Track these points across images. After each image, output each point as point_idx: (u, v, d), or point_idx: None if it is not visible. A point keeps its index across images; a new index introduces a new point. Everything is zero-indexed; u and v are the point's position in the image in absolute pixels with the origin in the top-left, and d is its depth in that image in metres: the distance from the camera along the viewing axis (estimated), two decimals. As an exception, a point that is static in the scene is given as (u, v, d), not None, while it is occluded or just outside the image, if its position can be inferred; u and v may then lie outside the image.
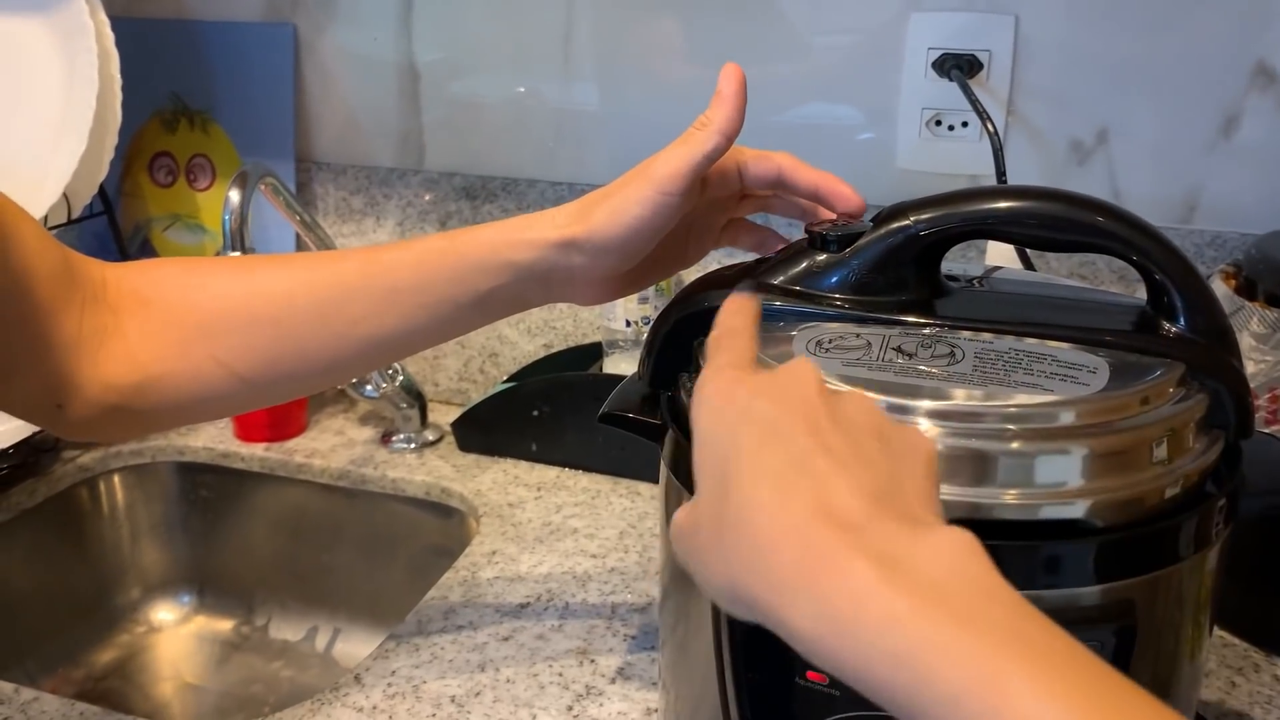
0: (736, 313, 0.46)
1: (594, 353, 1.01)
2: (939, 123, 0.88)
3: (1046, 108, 0.87)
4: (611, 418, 0.57)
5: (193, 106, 1.11)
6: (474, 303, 0.58)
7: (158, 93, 1.11)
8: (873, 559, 0.32)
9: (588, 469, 0.96)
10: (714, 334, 0.45)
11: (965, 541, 0.34)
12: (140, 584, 1.06)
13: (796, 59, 0.92)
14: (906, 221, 0.51)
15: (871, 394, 0.45)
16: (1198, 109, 0.84)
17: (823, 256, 0.53)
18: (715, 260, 0.99)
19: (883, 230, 0.52)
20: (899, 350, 0.49)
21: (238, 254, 0.83)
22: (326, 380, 0.63)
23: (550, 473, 0.96)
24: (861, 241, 0.52)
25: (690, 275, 0.99)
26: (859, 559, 0.32)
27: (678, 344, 0.55)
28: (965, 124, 0.87)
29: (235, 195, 0.83)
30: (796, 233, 0.58)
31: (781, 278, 0.54)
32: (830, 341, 0.50)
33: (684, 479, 0.51)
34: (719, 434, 0.38)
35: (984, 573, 0.33)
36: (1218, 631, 0.74)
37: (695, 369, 0.53)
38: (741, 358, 0.42)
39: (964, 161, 0.88)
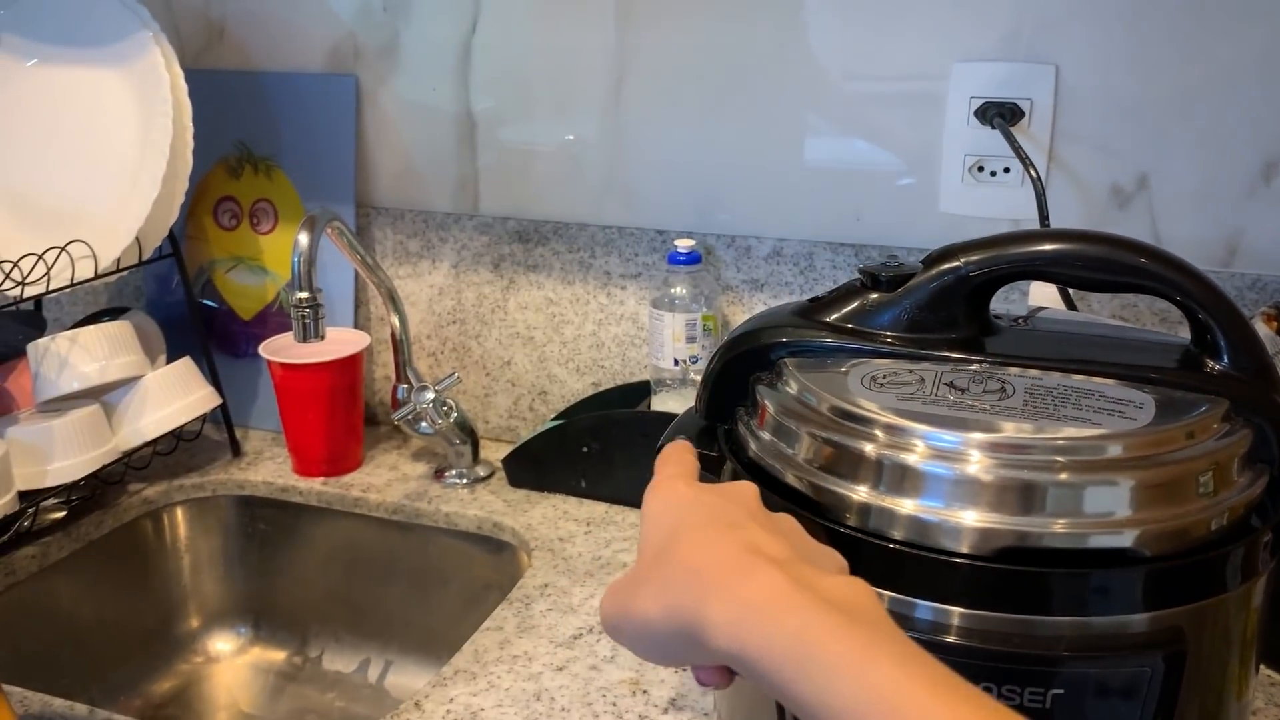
0: (678, 447, 0.52)
1: (642, 391, 1.04)
2: (981, 169, 0.91)
3: (1087, 154, 0.89)
4: (670, 450, 0.59)
5: (257, 153, 1.15)
6: None
7: (224, 140, 1.16)
8: (787, 574, 0.40)
9: (636, 505, 0.97)
10: (661, 455, 0.51)
11: (863, 584, 0.40)
12: (199, 614, 1.09)
13: (839, 107, 0.95)
14: (957, 263, 0.53)
15: (926, 427, 0.47)
16: (1238, 154, 0.86)
17: (875, 295, 0.56)
18: (761, 303, 1.01)
19: (934, 271, 0.54)
20: (951, 385, 0.51)
21: (306, 294, 0.87)
22: None
23: (599, 508, 0.98)
24: (913, 281, 0.54)
25: (739, 315, 1.02)
26: (776, 571, 0.40)
27: (734, 378, 0.57)
28: (1007, 170, 0.90)
29: (304, 238, 0.86)
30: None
31: (835, 315, 0.56)
32: (885, 377, 0.52)
33: (742, 508, 0.53)
34: (666, 515, 0.46)
35: (876, 604, 0.40)
36: (1264, 671, 0.74)
37: (752, 403, 0.56)
38: (688, 471, 0.49)
39: (1005, 206, 0.90)
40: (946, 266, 0.53)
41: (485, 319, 1.11)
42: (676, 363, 0.99)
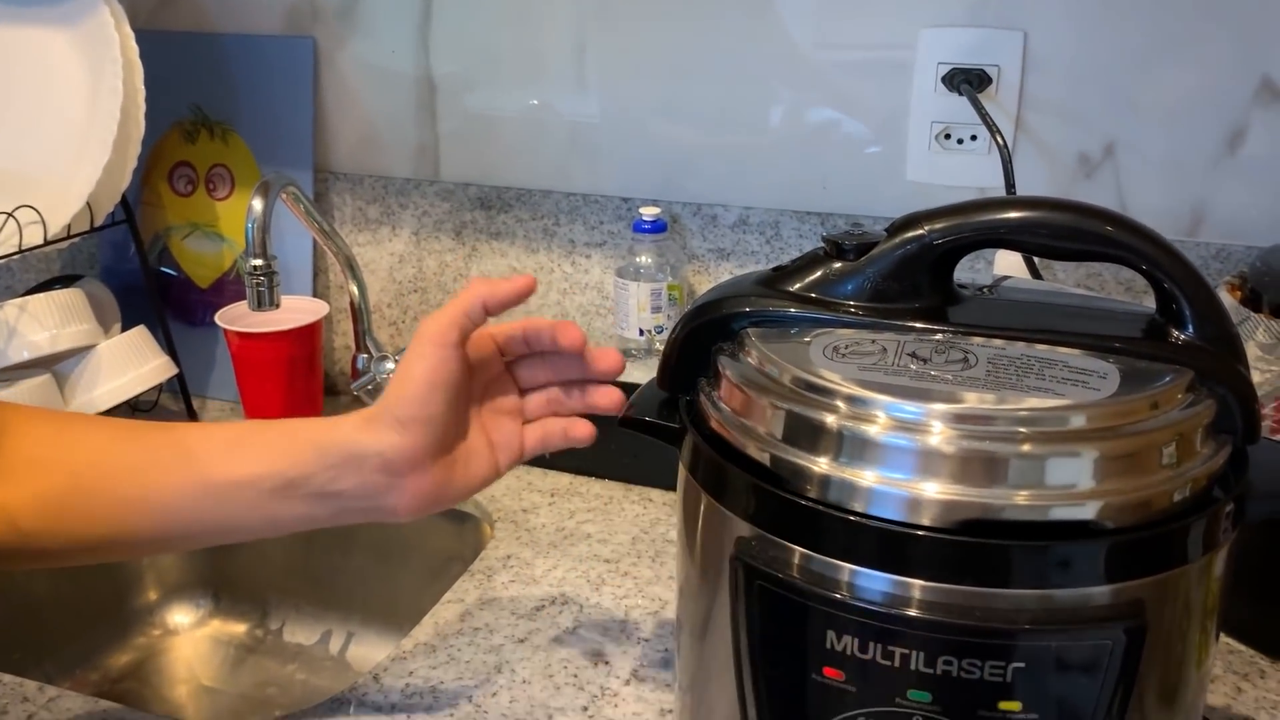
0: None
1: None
2: (948, 136, 0.90)
3: (1054, 122, 0.89)
4: (631, 422, 0.58)
5: (213, 117, 1.13)
6: (279, 488, 0.57)
7: (178, 104, 1.13)
8: None
9: (600, 476, 0.97)
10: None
11: None
12: (157, 587, 1.07)
13: (807, 74, 0.94)
14: (921, 231, 0.52)
15: (887, 398, 0.47)
16: (1204, 124, 0.85)
17: (838, 264, 0.55)
18: (728, 272, 1.00)
19: (897, 239, 0.53)
20: (913, 356, 0.50)
21: (260, 261, 0.85)
22: (106, 552, 0.59)
23: (563, 479, 0.98)
24: (877, 250, 0.53)
25: (704, 284, 1.01)
26: None
27: (696, 349, 0.56)
28: (974, 137, 0.89)
29: (258, 204, 0.84)
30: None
31: (799, 285, 0.55)
32: (846, 347, 0.51)
33: (703, 481, 0.53)
34: None
35: None
36: (1224, 639, 0.75)
37: (713, 374, 0.55)
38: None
39: (972, 174, 0.89)
40: (910, 235, 0.52)
41: (447, 288, 1.09)
42: (642, 333, 0.98)
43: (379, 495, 0.58)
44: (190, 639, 1.07)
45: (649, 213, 0.97)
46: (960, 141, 0.90)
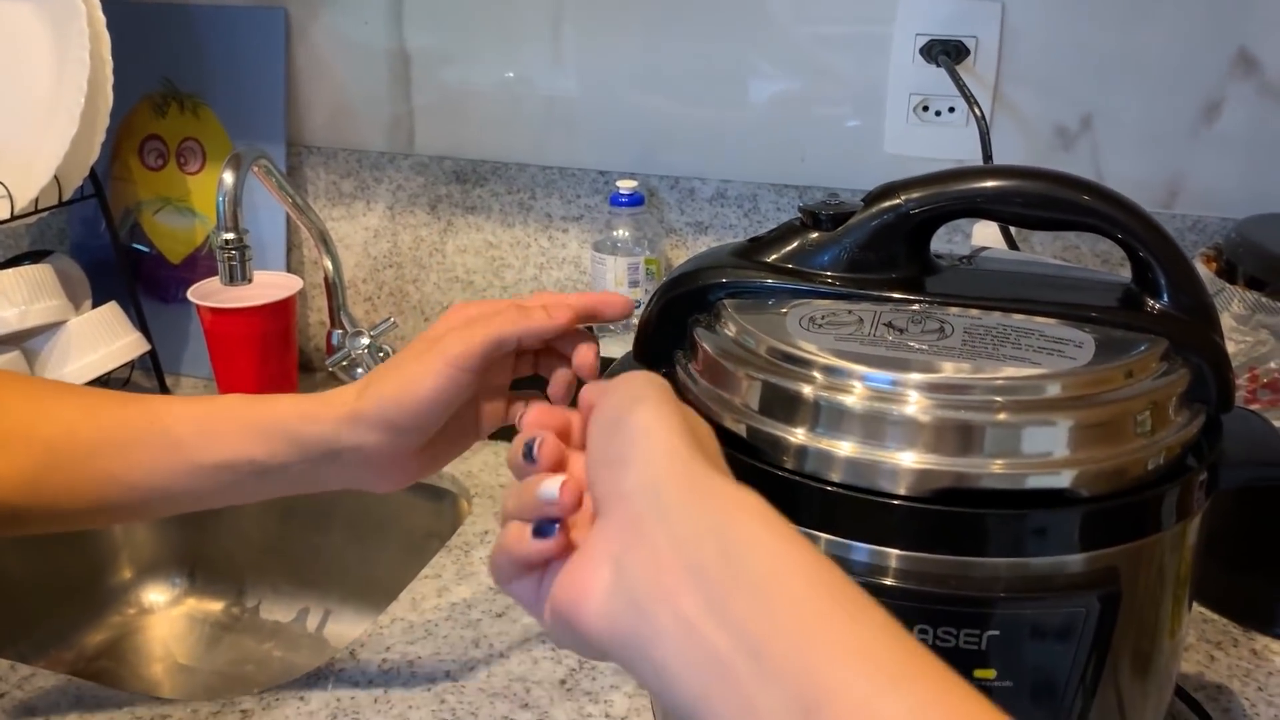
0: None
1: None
2: (926, 108, 0.90)
3: (1032, 93, 0.88)
4: (607, 393, 0.57)
5: (183, 90, 1.11)
6: (256, 473, 0.56)
7: (148, 76, 1.11)
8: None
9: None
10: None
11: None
12: (132, 565, 1.06)
13: (785, 46, 0.93)
14: (897, 200, 0.52)
15: (864, 368, 0.47)
16: (1180, 95, 0.85)
17: (815, 235, 0.54)
18: (705, 245, 1.00)
19: (874, 209, 0.53)
20: (890, 326, 0.50)
21: (232, 235, 0.84)
22: (87, 521, 0.59)
23: (541, 454, 0.97)
24: (853, 220, 0.53)
25: (682, 258, 1.01)
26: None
27: (672, 321, 0.56)
28: (952, 109, 0.89)
29: (229, 177, 0.83)
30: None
31: (775, 255, 0.55)
32: (823, 318, 0.51)
33: (679, 452, 0.52)
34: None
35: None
36: (1197, 607, 0.75)
37: (690, 346, 0.54)
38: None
39: (950, 146, 0.89)
40: (887, 204, 0.52)
41: (423, 262, 1.08)
42: (618, 306, 0.97)
43: (358, 480, 0.57)
44: (166, 617, 1.06)
45: (626, 186, 0.96)
46: (938, 114, 0.89)
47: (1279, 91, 0.83)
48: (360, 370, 1.00)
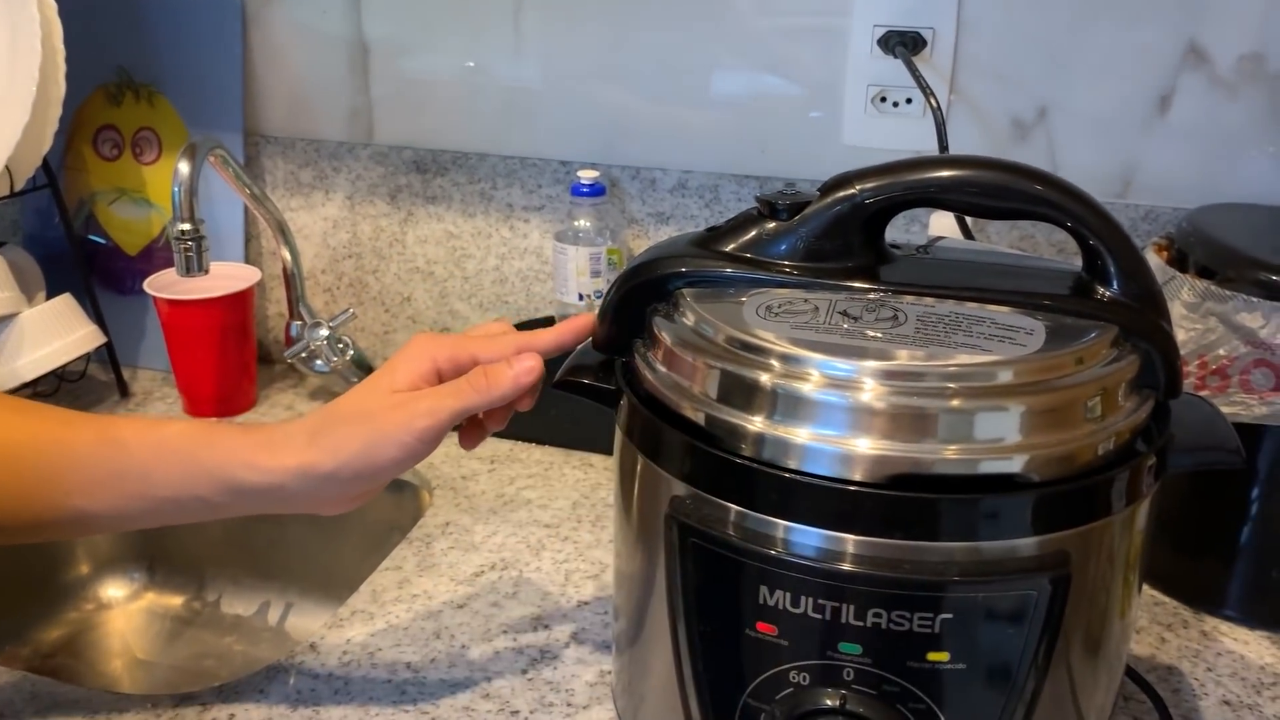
0: None
1: (545, 327, 1.02)
2: (884, 99, 0.90)
3: (988, 85, 0.89)
4: (566, 384, 0.58)
5: (138, 79, 1.10)
6: (202, 508, 0.56)
7: (102, 65, 1.10)
8: None
9: (541, 442, 0.97)
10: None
11: None
12: (89, 560, 1.05)
13: (745, 37, 0.93)
14: (852, 190, 0.52)
15: (820, 355, 0.47)
16: (1134, 87, 0.87)
17: (772, 224, 0.55)
18: (667, 235, 1.00)
19: (829, 199, 0.53)
20: (845, 314, 0.50)
21: (188, 225, 0.83)
22: (26, 537, 0.59)
23: (503, 446, 0.97)
24: (809, 210, 0.53)
25: (639, 244, 1.01)
26: None
27: (631, 311, 0.56)
28: (910, 100, 0.89)
29: (184, 167, 0.82)
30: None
31: (733, 245, 0.55)
32: (779, 306, 0.51)
33: (639, 442, 0.53)
34: None
35: None
36: (1149, 590, 0.77)
37: (649, 335, 0.54)
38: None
39: (908, 137, 0.90)
40: (842, 194, 0.53)
41: (383, 253, 1.08)
42: (581, 297, 0.98)
43: (301, 510, 0.58)
44: (124, 612, 1.05)
45: (587, 176, 0.96)
46: (896, 105, 0.90)
47: (1228, 84, 0.84)
48: (319, 362, 0.99)
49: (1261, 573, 0.74)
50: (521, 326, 1.03)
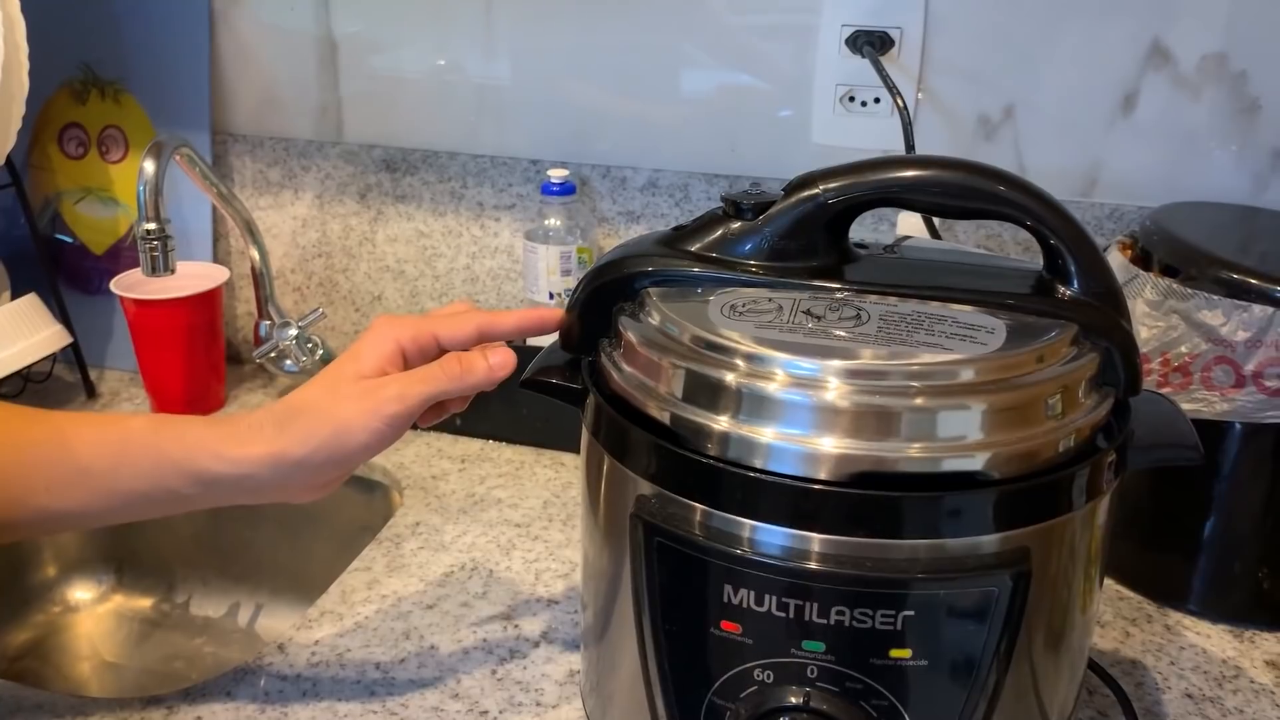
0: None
1: (517, 325, 1.02)
2: (852, 98, 0.91)
3: (955, 84, 0.90)
4: (533, 383, 0.58)
5: (104, 77, 1.09)
6: (169, 499, 0.56)
7: (66, 62, 1.09)
8: None
9: (512, 441, 0.97)
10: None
11: None
12: (56, 562, 1.04)
13: (716, 36, 0.94)
14: (815, 190, 0.53)
15: (784, 355, 0.47)
16: (1098, 86, 0.87)
17: (737, 224, 0.55)
18: (637, 234, 1.00)
19: (793, 199, 0.53)
20: (808, 314, 0.51)
21: (153, 225, 0.82)
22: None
23: (474, 445, 0.97)
24: (773, 209, 0.54)
25: (610, 243, 1.01)
26: None
27: (598, 310, 0.56)
28: (878, 100, 0.90)
29: (150, 166, 0.82)
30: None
31: (699, 244, 0.56)
32: (744, 306, 0.52)
33: (605, 441, 0.53)
34: None
35: None
36: (1114, 585, 0.78)
37: (615, 334, 0.54)
38: None
39: (876, 136, 0.90)
40: (806, 194, 0.53)
41: (353, 252, 1.07)
42: (552, 296, 0.98)
43: (272, 499, 0.57)
44: (92, 615, 1.04)
45: (557, 175, 0.96)
46: (864, 104, 0.91)
47: (1191, 83, 0.85)
48: (289, 362, 0.99)
49: (1223, 567, 0.75)
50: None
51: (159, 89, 1.07)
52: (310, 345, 0.99)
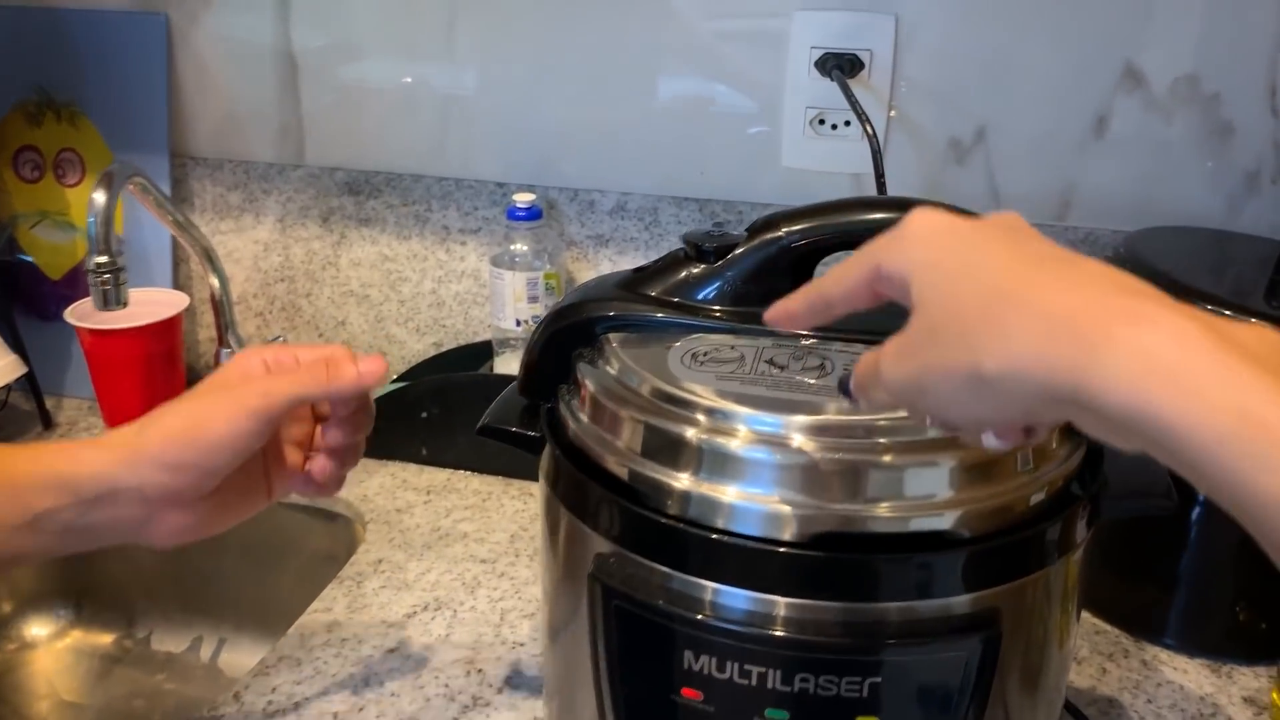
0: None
1: (485, 352, 1.00)
2: (822, 121, 0.89)
3: (927, 106, 0.88)
4: (490, 431, 0.56)
5: (59, 99, 1.06)
6: (28, 525, 0.51)
7: (20, 84, 1.06)
8: (1181, 315, 0.32)
9: (479, 471, 0.95)
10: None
11: (1273, 332, 0.34)
12: (11, 597, 1.01)
13: (683, 59, 0.92)
14: (778, 233, 0.51)
15: (747, 410, 0.46)
16: (1071, 108, 0.86)
17: (699, 267, 0.53)
18: (606, 259, 0.98)
19: (755, 241, 0.52)
20: (771, 363, 0.49)
21: (104, 258, 0.80)
22: None
23: (440, 475, 0.95)
24: (735, 253, 0.52)
25: (584, 271, 0.99)
26: (1170, 313, 0.32)
27: (556, 355, 0.54)
28: (848, 123, 0.88)
29: (100, 197, 0.79)
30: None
31: (660, 288, 0.54)
32: (705, 354, 0.50)
33: (562, 495, 0.51)
34: (953, 245, 0.38)
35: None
36: (1091, 618, 0.76)
37: (573, 382, 0.53)
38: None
39: (846, 160, 0.89)
40: (768, 237, 0.51)
41: (316, 276, 1.05)
42: (519, 323, 0.96)
43: (134, 529, 0.53)
44: (50, 651, 1.01)
45: (523, 199, 0.94)
46: (835, 127, 0.89)
47: (1163, 106, 0.84)
48: (250, 391, 0.96)
49: (1200, 601, 0.74)
50: (458, 352, 1.02)
51: (115, 111, 1.04)
52: (271, 374, 0.96)
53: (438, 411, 0.94)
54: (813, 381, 0.48)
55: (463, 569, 0.81)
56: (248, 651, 0.99)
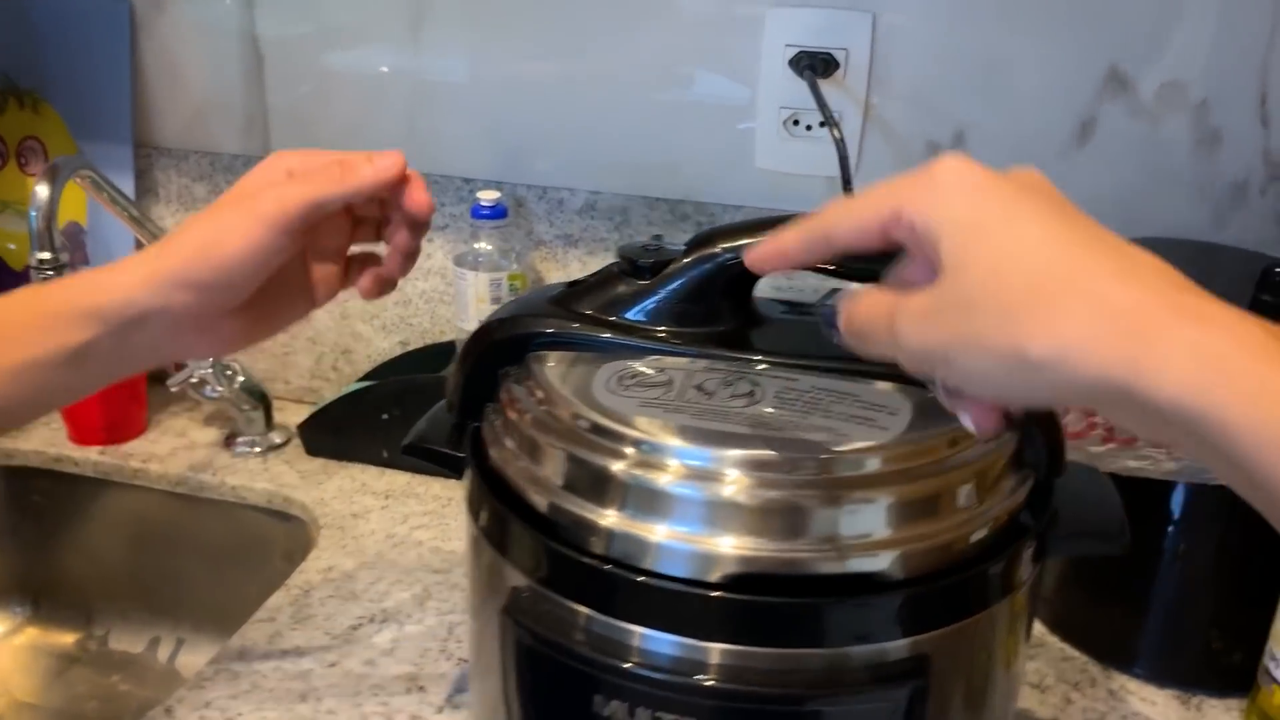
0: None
1: (451, 352, 0.98)
2: (797, 122, 0.86)
3: (904, 108, 0.85)
4: (414, 449, 0.54)
5: (21, 85, 1.03)
6: (65, 361, 0.50)
7: (-19, 70, 1.04)
8: (1241, 316, 0.32)
9: (440, 476, 0.92)
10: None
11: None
12: (-34, 596, 1.00)
13: (656, 54, 0.89)
14: (715, 249, 0.49)
15: (676, 442, 0.43)
16: (1053, 113, 0.83)
17: (634, 284, 0.50)
18: (576, 259, 0.95)
19: (691, 258, 0.49)
20: (699, 389, 0.46)
21: (47, 255, 0.77)
22: None
23: (401, 479, 0.93)
24: (670, 269, 0.49)
25: (552, 272, 0.96)
26: (1230, 314, 0.32)
27: (484, 373, 0.52)
28: (823, 124, 0.85)
29: (43, 191, 0.77)
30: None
31: (593, 304, 0.51)
32: (632, 378, 0.47)
33: (481, 524, 0.48)
34: (992, 207, 0.38)
35: None
36: (1059, 644, 0.74)
37: (499, 402, 0.50)
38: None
39: (820, 162, 0.86)
40: (705, 253, 0.49)
41: (280, 273, 1.03)
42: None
43: (176, 349, 0.54)
44: (6, 648, 1.00)
45: (487, 198, 0.91)
46: (809, 128, 0.86)
47: (1150, 112, 0.81)
48: (208, 387, 0.94)
49: (1172, 628, 0.71)
50: (425, 352, 1.00)
51: (78, 99, 1.02)
52: (229, 373, 0.94)
53: (399, 413, 0.92)
54: (740, 410, 0.45)
55: (414, 579, 0.79)
56: (205, 653, 0.97)
